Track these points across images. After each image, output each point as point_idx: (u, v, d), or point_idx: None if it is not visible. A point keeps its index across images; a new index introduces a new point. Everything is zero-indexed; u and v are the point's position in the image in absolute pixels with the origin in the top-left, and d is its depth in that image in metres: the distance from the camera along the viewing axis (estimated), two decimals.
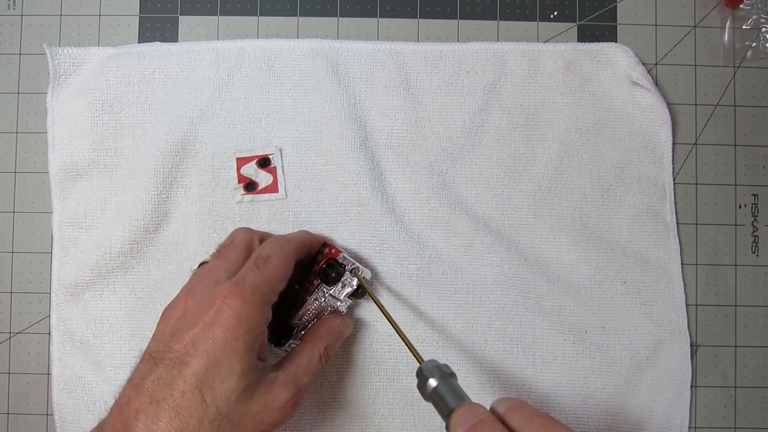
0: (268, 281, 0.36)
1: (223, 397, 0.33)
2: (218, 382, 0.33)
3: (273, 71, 0.47)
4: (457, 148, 0.47)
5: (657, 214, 0.47)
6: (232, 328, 0.34)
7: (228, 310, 0.34)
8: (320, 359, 0.39)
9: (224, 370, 0.33)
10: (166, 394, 0.32)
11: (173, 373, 0.33)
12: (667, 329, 0.46)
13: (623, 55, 0.47)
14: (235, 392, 0.33)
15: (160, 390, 0.32)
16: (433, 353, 0.45)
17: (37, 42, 0.48)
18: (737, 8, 0.48)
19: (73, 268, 0.45)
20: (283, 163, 0.46)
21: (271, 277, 0.37)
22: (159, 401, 0.32)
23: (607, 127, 0.47)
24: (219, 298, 0.35)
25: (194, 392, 0.32)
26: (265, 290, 0.36)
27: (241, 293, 0.35)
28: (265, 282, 0.36)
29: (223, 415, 0.33)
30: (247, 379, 0.34)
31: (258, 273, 0.36)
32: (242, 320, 0.34)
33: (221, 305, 0.34)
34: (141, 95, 0.46)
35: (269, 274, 0.37)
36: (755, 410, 0.47)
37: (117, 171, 0.46)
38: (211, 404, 0.33)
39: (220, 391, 0.33)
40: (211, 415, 0.32)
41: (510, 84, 0.47)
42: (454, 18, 0.49)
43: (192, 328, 0.34)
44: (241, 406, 0.33)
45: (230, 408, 0.33)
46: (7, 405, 0.47)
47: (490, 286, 0.46)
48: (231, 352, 0.33)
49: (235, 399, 0.33)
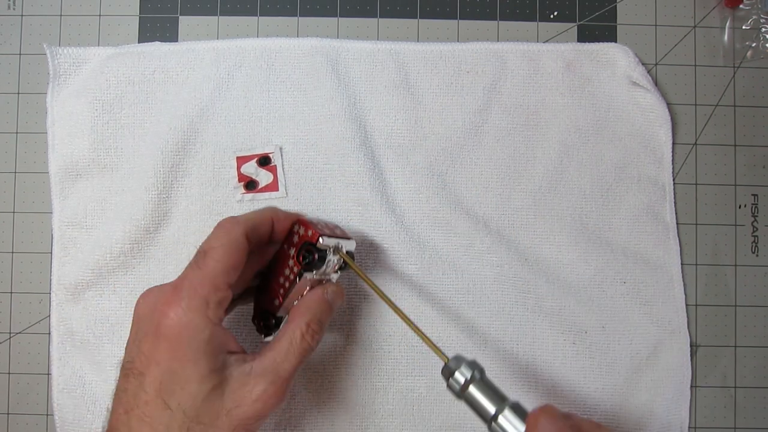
0: (208, 279, 0.34)
1: (187, 402, 0.33)
2: (179, 389, 0.33)
3: (273, 70, 0.47)
4: (457, 148, 0.47)
5: (657, 214, 0.47)
6: (176, 339, 0.33)
7: (167, 321, 0.34)
8: (302, 338, 0.36)
9: (181, 378, 0.33)
10: (134, 404, 0.33)
11: (136, 385, 0.33)
12: (667, 329, 0.46)
13: (623, 55, 0.47)
14: (199, 395, 0.33)
15: (129, 401, 0.33)
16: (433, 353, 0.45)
17: (37, 42, 0.48)
18: (737, 8, 0.48)
19: (74, 268, 0.45)
20: (283, 162, 0.46)
21: (212, 273, 0.35)
22: (129, 412, 0.33)
23: (607, 128, 0.47)
24: (158, 308, 0.34)
25: (157, 401, 0.33)
26: (206, 290, 0.34)
27: (178, 300, 0.34)
28: (205, 281, 0.34)
29: (191, 418, 0.33)
30: (210, 381, 0.33)
31: (196, 272, 0.35)
32: (184, 329, 0.33)
33: (160, 316, 0.34)
34: (141, 95, 0.46)
35: (209, 270, 0.35)
36: (755, 410, 0.47)
37: (117, 171, 0.46)
38: (176, 410, 0.33)
39: (183, 397, 0.33)
40: (179, 420, 0.33)
41: (510, 84, 0.47)
42: (454, 18, 0.49)
43: (144, 340, 0.34)
44: (211, 405, 0.33)
45: (198, 410, 0.33)
46: (7, 405, 0.47)
47: (490, 286, 0.46)
48: (182, 361, 0.33)
49: (202, 401, 0.33)
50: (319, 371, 0.45)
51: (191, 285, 0.34)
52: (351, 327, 0.46)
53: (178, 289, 0.34)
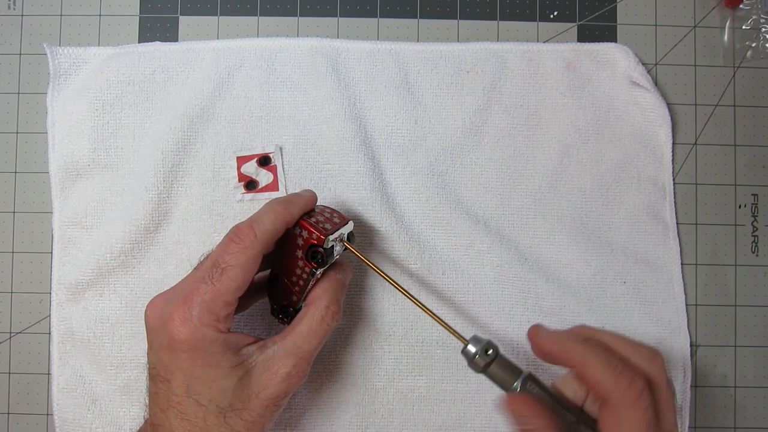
0: (221, 297, 0.35)
1: (217, 397, 0.35)
2: (206, 389, 0.35)
3: (273, 70, 0.47)
4: (457, 148, 0.47)
5: (657, 214, 0.47)
6: (193, 350, 0.35)
7: (180, 336, 0.35)
8: (322, 320, 0.38)
9: (206, 380, 0.35)
10: (168, 405, 0.35)
11: (165, 389, 0.36)
12: (667, 329, 0.46)
13: (623, 55, 0.47)
14: (227, 389, 0.35)
15: (163, 402, 0.36)
16: (433, 353, 0.45)
17: (37, 42, 0.48)
18: (737, 8, 0.48)
19: (74, 268, 0.45)
20: (283, 162, 0.46)
21: (226, 291, 0.35)
22: (165, 411, 0.35)
23: (607, 127, 0.47)
24: (170, 322, 0.35)
25: (189, 400, 0.35)
26: (217, 308, 0.35)
27: (189, 316, 0.35)
28: (218, 299, 0.35)
29: (225, 408, 0.35)
30: (235, 375, 0.35)
31: (209, 288, 0.35)
32: (199, 342, 0.35)
33: (173, 330, 0.35)
34: (141, 95, 0.46)
35: (223, 289, 0.35)
36: (755, 410, 0.47)
37: (117, 170, 0.46)
38: (209, 404, 0.35)
39: (212, 394, 0.35)
40: (213, 411, 0.35)
41: (510, 84, 0.47)
42: (454, 18, 0.49)
43: (161, 351, 0.35)
44: (242, 393, 0.35)
45: (230, 400, 0.35)
46: (7, 405, 0.47)
47: (490, 286, 0.46)
48: (203, 366, 0.35)
49: (232, 392, 0.35)
50: (319, 371, 0.45)
51: (203, 301, 0.35)
52: (351, 327, 0.46)
53: (189, 303, 0.35)
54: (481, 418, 0.45)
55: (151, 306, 0.37)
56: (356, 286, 0.46)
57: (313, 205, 0.40)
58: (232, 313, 0.36)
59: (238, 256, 0.36)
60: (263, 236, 0.36)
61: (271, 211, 0.38)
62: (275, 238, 0.37)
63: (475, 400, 0.45)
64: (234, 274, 0.35)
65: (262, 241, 0.36)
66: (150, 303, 0.37)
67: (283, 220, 0.37)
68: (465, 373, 0.45)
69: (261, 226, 0.37)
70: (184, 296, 0.35)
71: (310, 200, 0.40)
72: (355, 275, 0.46)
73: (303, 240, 0.39)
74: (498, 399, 0.35)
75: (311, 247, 0.38)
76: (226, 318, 0.35)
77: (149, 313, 0.37)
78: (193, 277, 0.37)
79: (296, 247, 0.39)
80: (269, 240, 0.37)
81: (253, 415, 0.36)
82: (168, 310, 0.35)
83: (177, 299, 0.36)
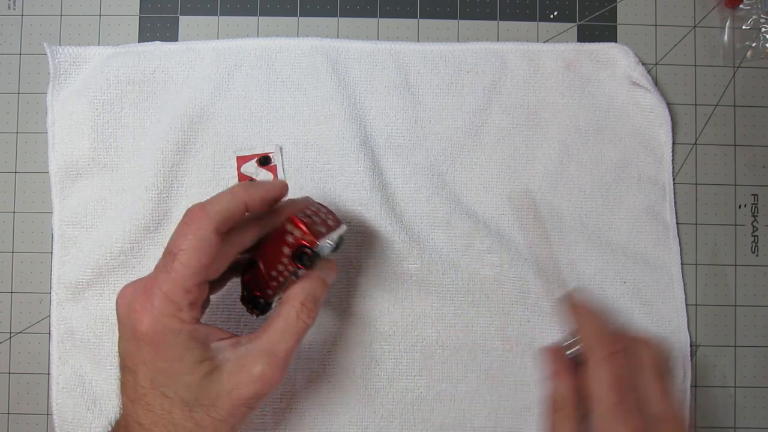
0: (178, 284, 0.33)
1: (182, 391, 0.34)
2: (171, 382, 0.34)
3: (273, 70, 0.47)
4: (457, 148, 0.47)
5: (657, 214, 0.47)
6: (155, 342, 0.33)
7: (142, 326, 0.33)
8: (298, 317, 0.36)
9: (170, 373, 0.34)
10: (135, 396, 0.34)
11: (132, 379, 0.34)
12: (667, 329, 0.46)
13: (623, 55, 0.47)
14: (192, 384, 0.34)
15: (131, 393, 0.34)
16: (433, 353, 0.45)
17: (37, 42, 0.48)
18: (737, 8, 0.48)
19: (74, 267, 0.45)
20: (283, 162, 0.46)
21: (181, 277, 0.33)
22: (134, 402, 0.34)
23: (607, 127, 0.47)
24: (132, 312, 0.34)
25: (154, 392, 0.34)
26: (176, 295, 0.33)
27: (150, 306, 0.33)
28: (176, 286, 0.33)
29: (191, 402, 0.34)
30: (201, 370, 0.34)
31: (165, 276, 0.33)
32: (160, 333, 0.33)
33: (135, 321, 0.34)
34: (141, 94, 0.46)
35: (178, 275, 0.33)
36: (755, 410, 0.47)
37: (117, 170, 0.46)
38: (174, 397, 0.34)
39: (177, 387, 0.34)
40: (178, 404, 0.33)
41: (510, 84, 0.47)
42: (454, 18, 0.49)
43: (127, 341, 0.35)
44: (209, 389, 0.34)
45: (195, 395, 0.34)
46: (7, 405, 0.47)
47: (490, 286, 0.46)
48: (167, 359, 0.34)
49: (197, 387, 0.34)
50: (318, 371, 0.45)
51: (161, 290, 0.33)
52: (350, 326, 0.46)
53: (149, 294, 0.34)
54: (481, 418, 0.45)
55: (121, 295, 0.36)
56: (356, 287, 0.46)
57: (282, 194, 0.38)
58: (197, 302, 0.34)
59: (189, 239, 0.34)
60: (216, 215, 0.34)
61: (228, 191, 0.36)
62: (232, 219, 0.35)
63: (475, 400, 0.45)
64: (186, 259, 0.33)
65: (215, 220, 0.34)
66: (120, 291, 0.36)
67: (242, 200, 0.35)
68: (465, 374, 0.45)
69: (213, 206, 0.35)
70: (145, 286, 0.34)
71: (278, 188, 0.37)
72: (355, 276, 0.46)
73: (293, 238, 0.37)
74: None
75: (300, 247, 0.37)
76: (189, 307, 0.34)
77: (119, 301, 0.36)
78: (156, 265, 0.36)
79: (283, 243, 0.37)
80: (224, 220, 0.34)
81: (222, 414, 0.34)
82: (133, 299, 0.34)
83: (141, 288, 0.34)
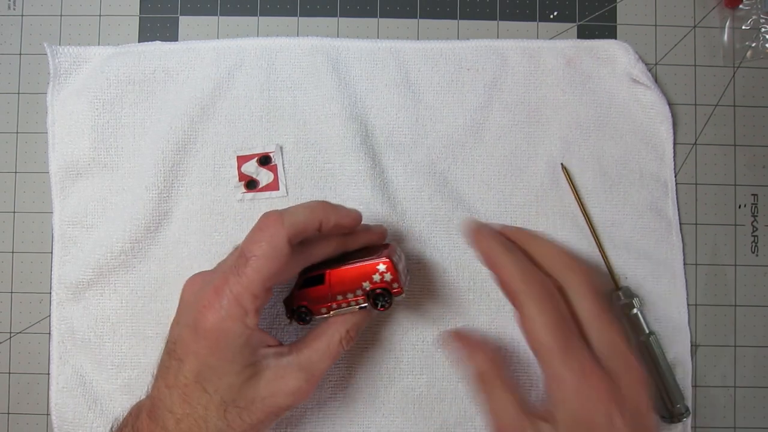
0: (248, 289, 0.34)
1: (224, 390, 0.35)
2: (216, 379, 0.35)
3: (273, 69, 0.47)
4: (458, 146, 0.47)
5: (660, 210, 0.47)
6: (215, 340, 0.34)
7: (206, 323, 0.34)
8: (340, 343, 0.37)
9: (218, 371, 0.35)
10: (176, 382, 0.35)
11: (177, 367, 0.35)
12: (668, 326, 0.46)
13: (623, 52, 0.47)
14: (235, 385, 0.35)
15: (171, 379, 0.35)
16: (433, 352, 0.45)
17: (38, 42, 0.48)
18: (737, 8, 0.48)
19: (74, 267, 0.45)
20: (283, 161, 0.46)
21: (252, 283, 0.34)
22: (170, 388, 0.35)
23: (608, 124, 0.47)
24: (199, 307, 0.35)
25: (195, 385, 0.35)
26: (245, 300, 0.34)
27: (218, 306, 0.34)
28: (245, 291, 0.34)
29: (228, 402, 0.35)
30: (244, 374, 0.35)
31: (236, 279, 0.34)
32: (222, 333, 0.34)
33: (199, 315, 0.35)
34: (141, 94, 0.46)
35: (248, 280, 0.34)
36: (755, 410, 0.47)
37: (118, 170, 0.46)
38: (214, 394, 0.35)
39: (220, 385, 0.35)
40: (216, 402, 0.35)
41: (511, 81, 0.47)
42: (454, 18, 0.49)
43: (185, 329, 0.35)
44: (247, 393, 0.35)
45: (234, 396, 0.35)
46: (7, 405, 0.47)
47: (491, 284, 0.46)
48: (219, 358, 0.35)
49: (238, 389, 0.35)
50: None
51: (231, 292, 0.34)
52: None
53: (218, 294, 0.34)
54: (481, 417, 0.45)
55: (191, 282, 0.38)
56: None
57: (355, 225, 0.38)
58: (261, 308, 0.35)
59: (262, 246, 0.34)
60: (291, 227, 0.35)
61: (307, 205, 0.36)
62: (305, 233, 0.36)
63: (475, 400, 0.45)
64: (258, 265, 0.34)
65: (290, 231, 0.34)
66: (191, 278, 0.38)
67: (318, 218, 0.36)
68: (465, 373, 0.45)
69: (290, 217, 0.35)
70: (215, 285, 0.35)
71: (353, 218, 0.38)
72: None
73: (380, 278, 0.37)
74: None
75: (384, 291, 0.37)
76: (255, 312, 0.35)
77: (187, 287, 0.37)
78: (224, 263, 0.37)
79: (367, 277, 0.37)
80: (298, 232, 0.35)
81: (253, 419, 0.35)
82: (203, 292, 0.35)
83: (211, 284, 0.35)
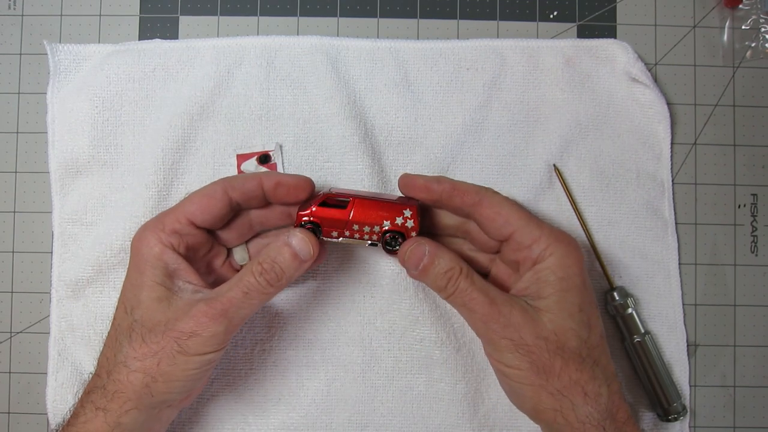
0: (173, 211, 0.39)
1: (137, 308, 0.38)
2: (132, 295, 0.38)
3: (273, 68, 0.47)
4: (457, 145, 0.47)
5: (656, 210, 0.47)
6: (136, 251, 0.39)
7: (134, 239, 0.40)
8: (250, 273, 0.38)
9: (134, 285, 0.39)
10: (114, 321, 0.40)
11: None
12: (663, 325, 0.46)
13: (622, 51, 0.47)
14: (144, 302, 0.38)
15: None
16: (433, 352, 0.45)
17: (38, 42, 0.48)
18: (737, 8, 0.48)
19: (74, 265, 0.45)
20: (283, 160, 0.46)
21: (178, 208, 0.40)
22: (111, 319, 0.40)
23: (606, 123, 0.47)
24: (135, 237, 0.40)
25: (120, 306, 0.39)
26: (167, 218, 0.39)
27: (143, 225, 0.40)
28: (170, 212, 0.40)
29: (137, 321, 0.38)
30: (156, 291, 0.38)
31: (168, 209, 0.40)
32: (141, 243, 0.39)
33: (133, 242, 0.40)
34: (141, 92, 0.46)
35: (176, 207, 0.40)
36: (754, 410, 0.47)
37: (117, 168, 0.46)
38: (129, 313, 0.38)
39: (133, 301, 0.38)
40: (128, 321, 0.38)
41: (510, 80, 0.47)
42: (453, 18, 0.49)
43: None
44: (155, 314, 0.38)
45: (144, 315, 0.38)
46: (7, 405, 0.47)
47: None
48: (137, 270, 0.39)
49: (146, 308, 0.38)
50: (318, 369, 0.45)
51: (159, 215, 0.40)
52: (351, 325, 0.46)
53: (151, 219, 0.41)
54: (480, 417, 0.45)
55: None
56: (357, 285, 0.46)
57: (303, 188, 0.40)
58: (180, 233, 0.39)
59: (199, 191, 0.40)
60: (230, 180, 0.40)
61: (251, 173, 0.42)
62: (244, 188, 0.40)
63: (474, 399, 0.45)
64: (190, 198, 0.40)
65: (227, 183, 0.40)
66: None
67: (257, 177, 0.40)
68: (464, 373, 0.45)
69: (233, 177, 0.41)
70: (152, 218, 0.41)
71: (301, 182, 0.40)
72: (356, 274, 0.46)
73: (402, 220, 0.40)
74: None
75: (398, 234, 0.40)
76: (171, 232, 0.39)
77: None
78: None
79: (388, 215, 0.40)
80: (236, 186, 0.40)
81: (155, 344, 0.37)
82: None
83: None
